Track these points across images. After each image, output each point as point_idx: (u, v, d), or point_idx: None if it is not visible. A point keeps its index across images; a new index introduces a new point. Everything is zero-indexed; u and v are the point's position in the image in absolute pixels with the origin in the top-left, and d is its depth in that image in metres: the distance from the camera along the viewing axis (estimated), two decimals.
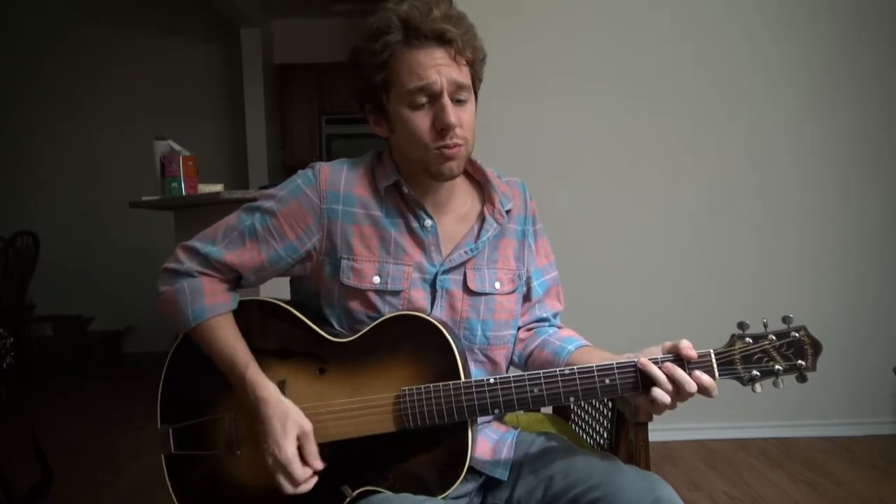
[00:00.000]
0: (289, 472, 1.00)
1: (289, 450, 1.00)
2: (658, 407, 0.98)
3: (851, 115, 2.94)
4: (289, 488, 1.01)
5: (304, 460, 1.02)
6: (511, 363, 1.25)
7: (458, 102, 1.07)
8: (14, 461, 2.25)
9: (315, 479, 1.02)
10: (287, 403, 1.04)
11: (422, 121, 1.06)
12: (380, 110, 1.11)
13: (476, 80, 1.12)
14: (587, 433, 1.45)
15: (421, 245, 1.13)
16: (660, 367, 0.97)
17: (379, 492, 1.03)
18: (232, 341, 1.08)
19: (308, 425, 1.03)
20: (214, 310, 1.09)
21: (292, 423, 1.02)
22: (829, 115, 2.94)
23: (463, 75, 1.07)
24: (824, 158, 2.95)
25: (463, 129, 1.07)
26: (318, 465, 1.02)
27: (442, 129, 1.05)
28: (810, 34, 2.93)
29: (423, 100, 1.05)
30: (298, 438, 1.02)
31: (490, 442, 1.15)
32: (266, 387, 1.04)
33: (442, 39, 1.05)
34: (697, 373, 0.96)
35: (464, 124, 1.07)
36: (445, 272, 1.14)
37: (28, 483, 2.16)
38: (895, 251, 2.98)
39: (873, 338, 2.97)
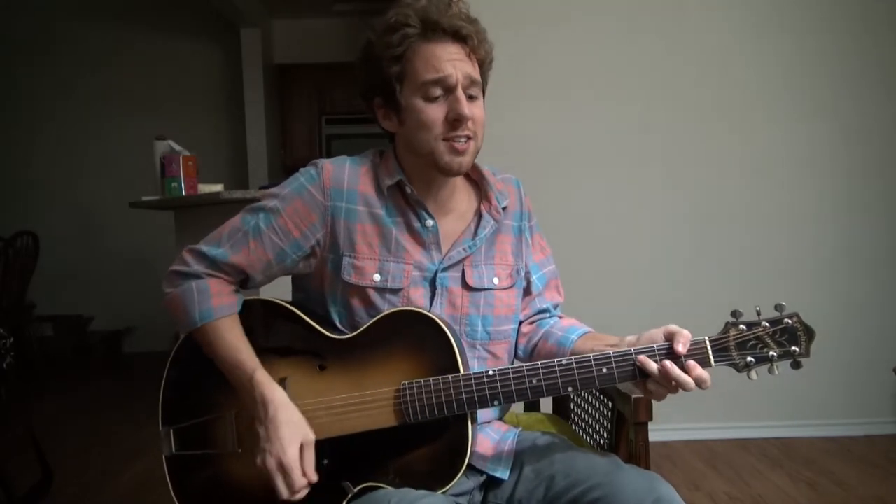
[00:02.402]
0: (289, 477, 1.00)
1: (292, 455, 1.00)
2: (655, 396, 1.00)
3: (852, 115, 2.94)
4: (284, 493, 1.00)
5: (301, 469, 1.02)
6: (516, 357, 1.26)
7: (470, 98, 1.08)
8: (14, 461, 2.25)
9: (307, 490, 1.02)
10: (294, 409, 1.04)
11: (435, 112, 1.07)
12: (390, 103, 1.12)
13: (484, 81, 1.14)
14: (587, 433, 1.45)
15: (421, 243, 1.14)
16: (657, 361, 0.98)
17: (380, 487, 1.03)
18: (238, 343, 1.08)
19: (311, 435, 1.03)
20: (221, 311, 1.10)
21: (297, 431, 1.02)
22: (830, 115, 2.94)
23: (476, 72, 1.10)
24: (824, 158, 2.96)
25: (474, 123, 1.09)
26: (314, 477, 1.02)
27: (455, 119, 1.07)
28: (809, 36, 2.93)
29: (438, 92, 1.07)
30: (301, 447, 1.02)
31: (491, 441, 1.15)
32: (274, 389, 1.04)
33: (458, 35, 1.07)
34: (692, 363, 0.98)
35: (475, 119, 1.09)
36: (445, 270, 1.14)
37: (28, 483, 2.16)
38: (894, 251, 2.98)
39: (873, 338, 2.97)
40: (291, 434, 1.01)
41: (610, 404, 1.33)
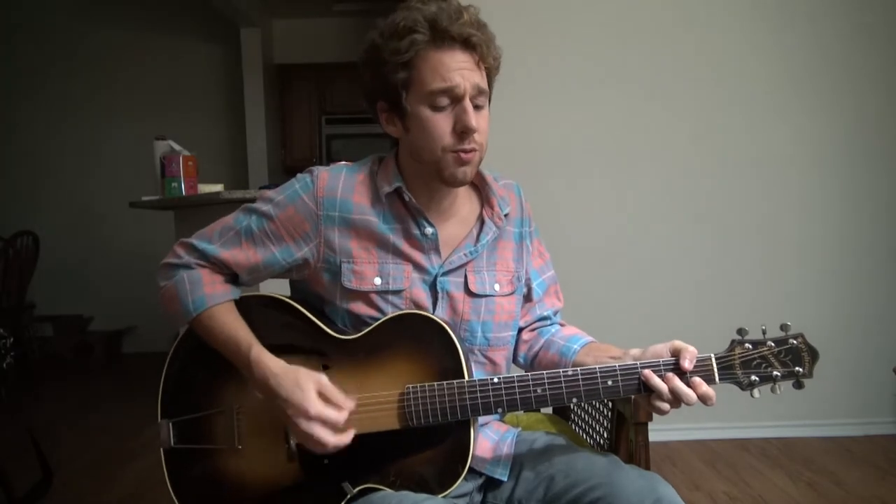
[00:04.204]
0: (325, 421, 0.98)
1: (315, 404, 0.99)
2: (658, 410, 1.00)
3: (851, 116, 2.94)
4: (330, 441, 0.98)
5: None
6: (517, 364, 1.26)
7: (476, 108, 1.07)
8: (14, 461, 2.25)
9: (352, 433, 1.01)
10: (295, 367, 1.03)
11: (442, 122, 1.06)
12: (395, 109, 1.10)
13: (490, 88, 1.12)
14: (587, 433, 1.45)
15: (420, 249, 1.13)
16: (662, 376, 0.98)
17: (380, 489, 1.03)
18: (233, 325, 1.08)
19: (322, 376, 1.02)
20: (214, 298, 1.10)
21: (307, 380, 1.00)
22: (828, 116, 2.94)
23: (483, 81, 1.08)
24: (824, 159, 2.96)
25: (480, 134, 1.08)
26: (351, 403, 1.01)
27: (462, 131, 1.05)
28: (809, 35, 2.93)
29: (445, 101, 1.05)
30: (319, 393, 1.00)
31: (490, 442, 1.15)
32: (272, 359, 1.04)
33: (467, 44, 1.05)
34: (697, 380, 0.98)
35: (481, 130, 1.08)
36: (445, 274, 1.14)
37: (28, 483, 2.16)
38: (895, 251, 2.98)
39: (873, 338, 2.97)
40: (303, 388, 0.99)
41: (610, 404, 1.33)
